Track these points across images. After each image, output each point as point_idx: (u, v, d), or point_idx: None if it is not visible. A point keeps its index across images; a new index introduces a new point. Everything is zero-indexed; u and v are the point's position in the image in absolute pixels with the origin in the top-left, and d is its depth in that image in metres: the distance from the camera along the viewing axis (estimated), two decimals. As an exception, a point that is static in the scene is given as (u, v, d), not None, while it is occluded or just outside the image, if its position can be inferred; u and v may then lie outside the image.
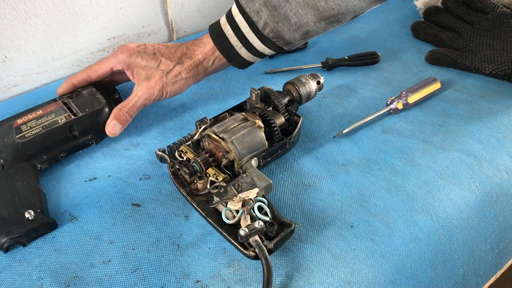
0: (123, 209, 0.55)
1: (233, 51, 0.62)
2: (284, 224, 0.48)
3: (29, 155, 0.58)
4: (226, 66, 0.66)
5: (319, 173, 0.59)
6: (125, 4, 0.85)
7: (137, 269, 0.48)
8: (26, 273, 0.48)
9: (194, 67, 0.63)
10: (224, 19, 0.62)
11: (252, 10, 0.59)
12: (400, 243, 0.50)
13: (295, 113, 0.61)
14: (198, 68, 0.63)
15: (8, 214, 0.51)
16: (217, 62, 0.64)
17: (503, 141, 0.63)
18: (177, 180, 0.55)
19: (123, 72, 0.65)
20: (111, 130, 0.61)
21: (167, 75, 0.61)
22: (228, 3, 1.02)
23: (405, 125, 0.66)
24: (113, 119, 0.61)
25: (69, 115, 0.62)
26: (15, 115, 0.63)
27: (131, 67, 0.63)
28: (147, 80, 0.61)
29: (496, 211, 0.57)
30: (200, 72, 0.64)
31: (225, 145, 0.53)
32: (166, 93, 0.62)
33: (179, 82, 0.63)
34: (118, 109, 0.61)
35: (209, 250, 0.50)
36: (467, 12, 0.83)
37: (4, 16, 0.71)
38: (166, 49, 0.63)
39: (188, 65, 0.62)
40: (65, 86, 0.65)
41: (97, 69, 0.64)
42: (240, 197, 0.48)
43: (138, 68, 0.62)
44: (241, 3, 0.60)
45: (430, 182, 0.57)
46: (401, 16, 0.98)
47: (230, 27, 0.61)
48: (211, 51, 0.63)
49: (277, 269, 0.47)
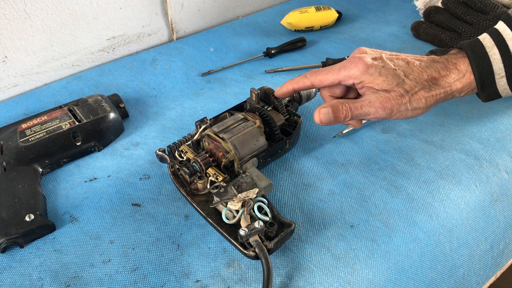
0: (123, 209, 0.55)
1: (490, 79, 0.53)
2: (284, 224, 0.48)
3: (32, 159, 0.58)
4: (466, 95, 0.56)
5: (319, 173, 0.59)
6: (125, 4, 0.85)
7: (137, 268, 0.48)
8: (26, 273, 0.48)
9: (442, 96, 0.52)
10: (490, 41, 0.53)
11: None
12: (400, 243, 0.50)
13: (295, 113, 0.61)
14: (445, 97, 0.52)
15: (8, 215, 0.51)
16: (469, 93, 0.54)
17: (503, 141, 0.63)
18: (177, 180, 0.55)
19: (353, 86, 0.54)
20: (321, 115, 0.50)
21: (411, 97, 0.50)
22: (228, 3, 1.02)
23: (405, 125, 0.67)
24: (329, 107, 0.50)
25: (73, 121, 0.62)
26: (20, 120, 0.64)
27: (364, 84, 0.51)
28: (386, 91, 0.50)
29: (496, 211, 0.57)
30: (443, 100, 0.53)
31: (225, 145, 0.53)
32: (400, 116, 0.51)
33: (419, 110, 0.51)
34: (340, 101, 0.51)
35: (209, 250, 0.50)
36: (467, 12, 0.83)
37: (4, 16, 0.72)
38: (409, 68, 0.51)
39: (436, 93, 0.51)
40: (285, 89, 0.57)
41: (323, 79, 0.54)
42: (240, 197, 0.48)
43: (375, 85, 0.51)
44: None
45: (430, 182, 0.57)
46: (401, 16, 0.98)
47: (498, 50, 0.52)
48: (471, 81, 0.53)
49: (277, 269, 0.47)
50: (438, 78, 0.52)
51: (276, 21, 0.98)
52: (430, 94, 0.51)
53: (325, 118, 0.50)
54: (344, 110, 0.50)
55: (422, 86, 0.51)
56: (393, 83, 0.50)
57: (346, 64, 0.52)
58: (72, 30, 0.80)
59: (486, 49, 0.53)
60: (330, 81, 0.54)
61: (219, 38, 0.93)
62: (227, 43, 0.91)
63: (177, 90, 0.77)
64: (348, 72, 0.52)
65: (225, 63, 0.84)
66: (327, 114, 0.50)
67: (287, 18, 0.92)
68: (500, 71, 0.52)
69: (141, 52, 0.90)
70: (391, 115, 0.51)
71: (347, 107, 0.50)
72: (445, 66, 0.52)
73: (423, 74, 0.51)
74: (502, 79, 0.53)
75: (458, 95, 0.54)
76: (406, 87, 0.50)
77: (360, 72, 0.51)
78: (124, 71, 0.83)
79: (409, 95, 0.50)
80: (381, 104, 0.50)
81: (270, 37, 0.93)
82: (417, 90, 0.50)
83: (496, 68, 0.52)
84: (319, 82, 0.55)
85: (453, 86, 0.52)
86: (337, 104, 0.50)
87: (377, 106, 0.50)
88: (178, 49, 0.89)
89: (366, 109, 0.50)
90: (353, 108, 0.50)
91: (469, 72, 0.53)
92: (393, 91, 0.50)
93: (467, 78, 0.52)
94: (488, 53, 0.53)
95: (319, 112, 0.51)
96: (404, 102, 0.50)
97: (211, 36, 0.94)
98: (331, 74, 0.53)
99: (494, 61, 0.52)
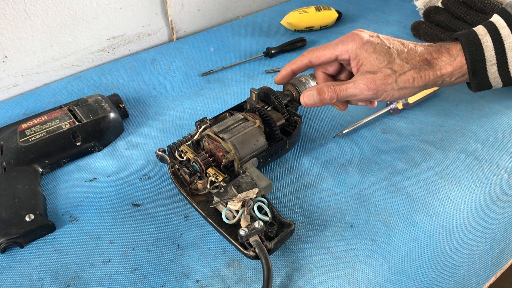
0: (123, 209, 0.55)
1: (481, 66, 0.54)
2: (284, 224, 0.48)
3: (32, 159, 0.58)
4: (457, 84, 0.57)
5: (319, 173, 0.59)
6: (125, 4, 0.85)
7: (137, 268, 0.48)
8: (26, 273, 0.48)
9: (432, 78, 0.53)
10: (483, 29, 0.54)
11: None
12: (400, 243, 0.50)
13: (295, 113, 0.61)
14: (435, 80, 0.53)
15: (8, 215, 0.51)
16: (459, 78, 0.55)
17: (503, 141, 0.63)
18: (177, 180, 0.55)
19: (348, 63, 0.56)
20: (305, 98, 0.53)
21: (397, 78, 0.51)
22: (228, 3, 1.02)
23: (405, 125, 0.67)
24: (314, 89, 0.52)
25: (73, 121, 0.62)
26: (20, 120, 0.64)
27: (359, 59, 0.53)
28: (372, 73, 0.52)
29: (496, 211, 0.57)
30: (433, 84, 0.54)
31: (225, 145, 0.53)
32: (387, 96, 0.53)
33: (406, 90, 0.53)
34: (326, 84, 0.53)
35: (209, 250, 0.50)
36: (467, 12, 0.83)
37: (4, 16, 0.72)
38: (403, 47, 0.53)
39: (426, 74, 0.52)
40: (284, 72, 0.58)
41: (320, 55, 0.55)
42: (240, 197, 0.48)
43: (366, 62, 0.52)
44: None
45: (430, 182, 0.57)
46: (401, 16, 0.98)
47: (490, 37, 0.53)
48: (462, 66, 0.54)
49: (277, 269, 0.47)
50: (430, 60, 0.53)
51: (276, 21, 0.98)
52: (419, 75, 0.52)
53: (309, 100, 0.53)
54: (330, 91, 0.52)
55: (412, 66, 0.52)
56: (384, 62, 0.52)
57: (343, 39, 0.54)
58: (72, 30, 0.80)
59: (479, 36, 0.54)
60: (328, 56, 0.55)
61: (219, 38, 0.93)
62: (227, 43, 0.91)
63: (177, 90, 0.77)
64: (345, 46, 0.54)
65: (225, 63, 0.84)
66: (312, 96, 0.52)
67: (287, 18, 0.92)
68: (491, 58, 0.53)
69: (141, 52, 0.90)
70: (377, 95, 0.52)
71: (332, 89, 0.52)
72: (438, 50, 0.54)
73: (415, 55, 0.53)
74: (493, 66, 0.54)
75: (448, 80, 0.54)
76: (395, 67, 0.51)
77: (356, 46, 0.53)
78: (124, 71, 0.83)
79: (396, 75, 0.51)
80: (366, 85, 0.51)
81: (270, 37, 0.93)
82: (406, 70, 0.52)
83: (487, 55, 0.53)
84: (316, 58, 0.56)
85: (443, 69, 0.53)
86: (323, 86, 0.52)
87: (362, 88, 0.51)
88: (178, 49, 0.89)
89: (352, 90, 0.52)
90: (338, 90, 0.52)
91: (460, 56, 0.54)
92: (379, 72, 0.51)
93: (458, 62, 0.53)
94: (481, 40, 0.54)
95: (304, 95, 0.53)
96: (390, 82, 0.51)
97: (211, 36, 0.94)
98: (328, 49, 0.55)
99: (486, 48, 0.53)
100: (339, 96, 0.53)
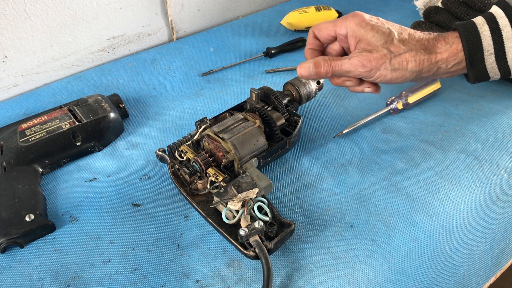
0: (123, 209, 0.55)
1: (479, 55, 0.54)
2: (284, 224, 0.48)
3: (32, 159, 0.58)
4: (454, 75, 0.57)
5: (319, 173, 0.59)
6: (125, 4, 0.85)
7: (137, 268, 0.48)
8: (26, 273, 0.48)
9: (426, 64, 0.54)
10: (481, 19, 0.55)
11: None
12: (400, 243, 0.50)
13: (295, 113, 0.61)
14: (430, 66, 0.54)
15: (8, 215, 0.51)
16: (455, 67, 0.55)
17: (503, 141, 0.63)
18: (177, 180, 0.55)
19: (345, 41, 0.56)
20: (302, 69, 0.54)
21: (392, 58, 0.52)
22: (228, 3, 1.02)
23: (405, 125, 0.67)
24: (312, 62, 0.54)
25: (73, 121, 0.62)
26: (20, 120, 0.64)
27: (356, 35, 0.54)
28: (368, 51, 0.53)
29: (496, 211, 0.57)
30: (428, 72, 0.55)
31: (225, 145, 0.53)
32: (379, 76, 0.53)
33: (400, 72, 0.53)
34: (323, 58, 0.54)
35: (209, 250, 0.50)
36: (467, 12, 0.83)
37: (4, 16, 0.72)
38: (402, 30, 0.54)
39: (421, 58, 0.53)
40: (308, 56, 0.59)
41: (321, 27, 0.57)
42: (240, 197, 0.48)
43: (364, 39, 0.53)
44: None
45: (430, 182, 0.57)
46: (401, 16, 0.98)
47: (488, 27, 0.53)
48: (457, 52, 0.54)
49: (277, 269, 0.47)
50: (427, 45, 0.54)
51: (276, 21, 0.98)
52: (415, 58, 0.53)
53: (305, 71, 0.54)
54: (326, 65, 0.54)
55: (408, 48, 0.53)
56: (381, 41, 0.53)
57: (345, 16, 0.56)
58: (72, 30, 0.80)
59: (477, 25, 0.54)
60: (328, 29, 0.57)
61: (219, 38, 0.93)
62: (227, 43, 0.91)
63: (177, 90, 0.77)
64: (344, 22, 0.55)
65: (225, 63, 0.84)
66: (308, 68, 0.54)
67: (287, 18, 0.92)
68: (489, 48, 0.54)
69: (141, 52, 0.90)
70: (370, 73, 0.53)
71: (328, 63, 0.54)
72: (435, 38, 0.55)
73: (413, 39, 0.54)
74: (491, 56, 0.54)
75: (444, 67, 0.55)
76: (392, 47, 0.52)
77: (355, 23, 0.54)
78: (124, 71, 0.83)
79: (392, 56, 0.52)
80: (360, 63, 0.53)
81: (270, 37, 0.93)
82: (402, 52, 0.53)
83: (485, 45, 0.54)
84: (317, 29, 0.58)
85: (438, 55, 0.54)
86: (319, 59, 0.54)
87: (356, 64, 0.53)
88: (178, 49, 0.89)
89: (346, 66, 0.53)
90: (333, 65, 0.54)
91: (456, 43, 0.54)
92: (375, 51, 0.53)
93: (453, 49, 0.54)
94: (479, 29, 0.54)
95: (301, 66, 0.55)
96: (385, 61, 0.52)
97: (211, 36, 0.94)
98: (329, 23, 0.57)
99: (484, 38, 0.54)
100: (334, 71, 0.54)
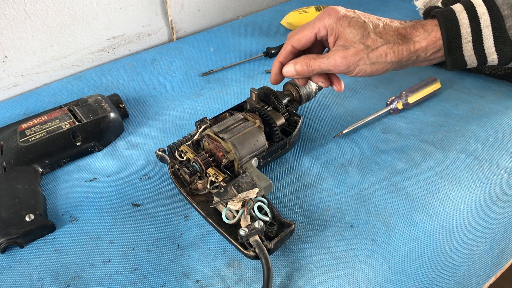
0: (123, 209, 0.55)
1: (457, 43, 0.54)
2: (284, 224, 0.48)
3: (32, 159, 0.58)
4: (433, 62, 0.57)
5: (319, 173, 0.59)
6: (125, 4, 0.85)
7: (137, 268, 0.48)
8: (26, 273, 0.48)
9: (405, 54, 0.54)
10: (460, 6, 0.54)
11: (505, 3, 0.51)
12: (400, 243, 0.50)
13: (295, 113, 0.61)
14: (409, 55, 0.54)
15: (8, 215, 0.51)
16: (434, 54, 0.55)
17: (503, 141, 0.63)
18: (177, 180, 0.55)
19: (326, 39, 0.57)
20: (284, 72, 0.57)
21: (369, 53, 0.53)
22: (228, 3, 1.02)
23: (405, 125, 0.67)
24: (293, 63, 0.56)
25: (73, 121, 0.62)
26: (20, 120, 0.64)
27: (334, 33, 0.54)
28: (345, 48, 0.53)
29: (496, 211, 0.57)
30: (407, 61, 0.55)
31: (225, 145, 0.53)
32: (359, 71, 0.54)
33: (380, 64, 0.54)
34: (304, 57, 0.55)
35: (209, 250, 0.50)
36: (467, 12, 0.83)
37: (4, 16, 0.72)
38: (378, 22, 0.54)
39: (399, 49, 0.53)
40: (275, 69, 0.59)
41: (300, 37, 0.56)
42: (240, 197, 0.48)
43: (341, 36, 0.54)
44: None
45: (430, 182, 0.57)
46: (401, 16, 0.98)
47: (467, 15, 0.53)
48: (436, 40, 0.54)
49: (277, 269, 0.47)
50: (404, 35, 0.54)
51: (276, 21, 0.98)
52: (393, 50, 0.53)
53: (287, 73, 0.56)
54: (305, 65, 0.55)
55: (386, 41, 0.53)
56: (357, 36, 0.53)
57: (320, 15, 0.55)
58: (72, 30, 0.80)
59: (456, 13, 0.54)
60: (308, 36, 0.56)
61: (219, 38, 0.93)
62: (227, 43, 0.91)
63: (177, 90, 0.77)
64: (322, 22, 0.55)
65: (225, 63, 0.84)
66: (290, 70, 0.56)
67: (287, 18, 0.92)
68: (467, 36, 0.54)
69: (141, 52, 0.90)
70: (349, 69, 0.54)
71: (307, 63, 0.55)
72: (413, 25, 0.55)
73: (390, 30, 0.54)
74: (469, 44, 0.54)
75: (423, 55, 0.55)
76: (368, 42, 0.53)
77: (332, 21, 0.54)
78: (124, 71, 0.83)
79: (369, 50, 0.53)
80: (338, 60, 0.53)
81: (270, 37, 0.93)
82: (379, 45, 0.53)
83: (463, 32, 0.54)
84: (297, 41, 0.57)
85: (417, 44, 0.54)
86: (300, 60, 0.55)
87: (334, 62, 0.53)
88: (178, 49, 0.89)
89: (325, 65, 0.54)
90: (312, 64, 0.55)
91: (434, 31, 0.54)
92: (352, 47, 0.53)
93: (432, 37, 0.54)
94: (458, 16, 0.54)
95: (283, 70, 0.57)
96: (362, 57, 0.53)
97: (211, 36, 0.94)
98: (307, 29, 0.56)
99: (462, 25, 0.53)
100: (314, 70, 0.55)
